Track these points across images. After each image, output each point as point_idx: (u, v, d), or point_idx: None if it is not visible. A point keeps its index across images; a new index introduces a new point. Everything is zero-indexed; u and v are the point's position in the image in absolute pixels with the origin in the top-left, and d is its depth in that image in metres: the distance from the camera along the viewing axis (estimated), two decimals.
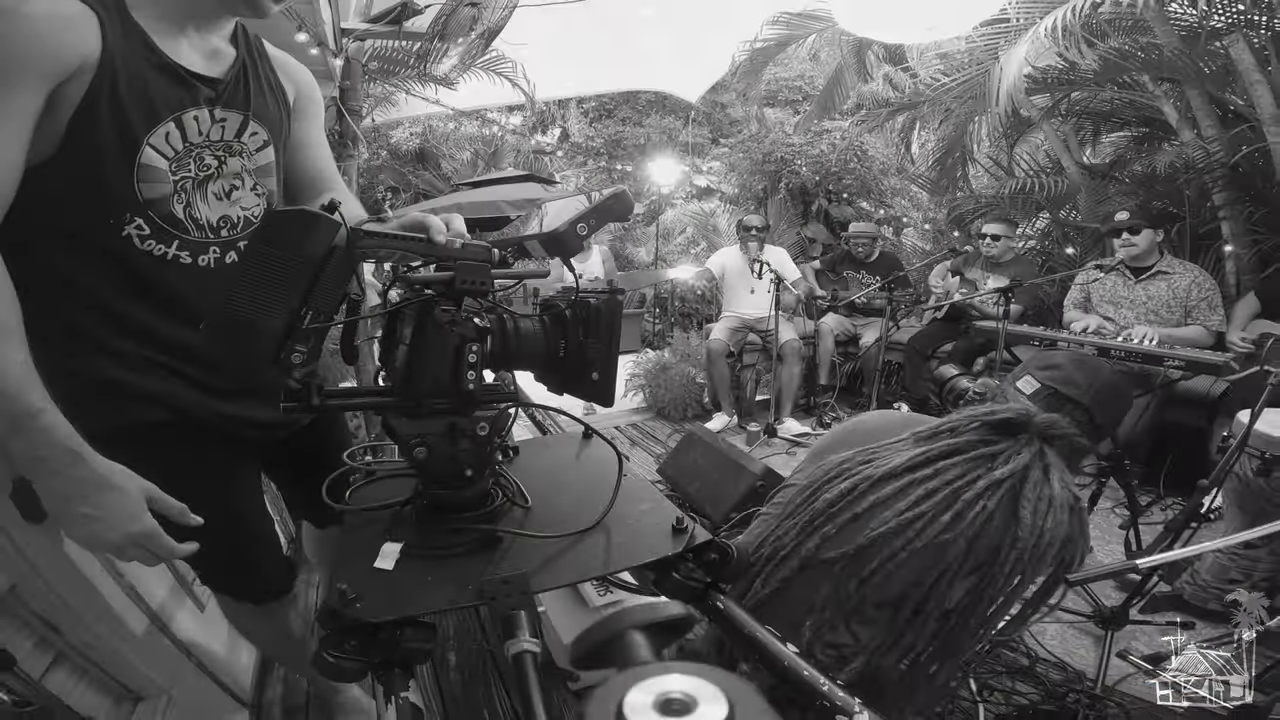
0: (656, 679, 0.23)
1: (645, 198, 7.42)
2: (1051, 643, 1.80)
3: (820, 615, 0.95)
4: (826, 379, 3.85)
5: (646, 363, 4.08)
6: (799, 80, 8.21)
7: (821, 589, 0.96)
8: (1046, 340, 2.72)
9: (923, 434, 1.06)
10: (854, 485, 0.99)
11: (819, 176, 5.24)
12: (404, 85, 3.86)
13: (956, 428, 1.02)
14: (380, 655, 0.56)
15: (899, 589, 0.93)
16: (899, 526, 0.92)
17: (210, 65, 0.89)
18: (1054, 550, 0.93)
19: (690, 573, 0.67)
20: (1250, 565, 1.85)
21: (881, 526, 0.92)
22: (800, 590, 1.00)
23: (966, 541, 0.90)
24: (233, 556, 1.00)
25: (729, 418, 3.66)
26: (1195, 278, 2.80)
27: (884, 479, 0.98)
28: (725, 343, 3.61)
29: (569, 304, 0.75)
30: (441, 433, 0.67)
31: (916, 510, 0.92)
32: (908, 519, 0.92)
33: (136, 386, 0.85)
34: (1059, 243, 3.88)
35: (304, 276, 0.58)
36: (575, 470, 0.92)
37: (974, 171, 4.63)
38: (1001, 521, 0.91)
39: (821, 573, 0.97)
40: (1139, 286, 2.89)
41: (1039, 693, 1.58)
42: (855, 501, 0.98)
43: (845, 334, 3.95)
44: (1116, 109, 3.97)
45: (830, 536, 0.97)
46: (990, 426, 0.99)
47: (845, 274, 4.11)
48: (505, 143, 8.30)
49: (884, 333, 3.34)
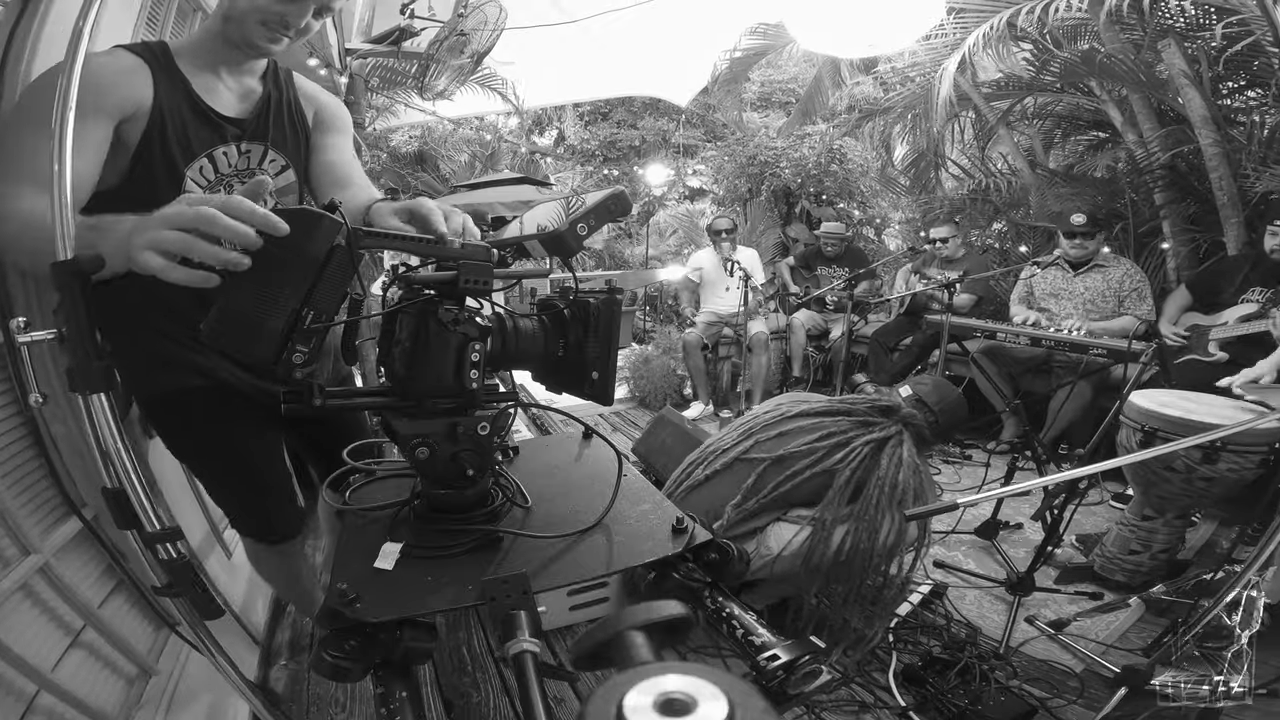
0: (656, 679, 0.23)
1: (639, 199, 7.66)
2: (969, 609, 1.94)
3: (743, 501, 1.43)
4: (800, 371, 4.10)
5: (630, 355, 4.35)
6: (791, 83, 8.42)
7: (746, 479, 1.44)
8: (987, 331, 2.96)
9: (832, 399, 1.64)
10: (782, 414, 1.53)
11: (800, 179, 5.47)
12: (403, 99, 4.12)
13: (855, 402, 1.61)
14: (380, 655, 0.56)
15: (804, 496, 1.43)
16: (808, 450, 1.45)
17: (240, 105, 1.07)
18: (903, 492, 1.40)
19: (690, 573, 0.68)
20: (1148, 536, 2.03)
21: (797, 447, 1.44)
22: (729, 478, 1.49)
23: (851, 471, 1.41)
24: (254, 499, 1.22)
25: (705, 406, 3.92)
26: (1128, 270, 3.03)
27: (802, 414, 1.52)
28: (700, 335, 3.87)
29: (568, 304, 0.75)
30: (443, 433, 0.67)
31: (821, 443, 1.45)
32: (815, 446, 1.45)
33: (181, 358, 1.04)
34: (1014, 241, 4.11)
35: (306, 276, 0.57)
36: (575, 470, 0.92)
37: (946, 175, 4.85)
38: (870, 464, 1.43)
39: (749, 467, 1.47)
40: (1077, 279, 3.12)
41: (945, 645, 1.72)
42: (782, 423, 1.51)
43: (817, 328, 4.20)
44: (1075, 113, 4.18)
45: (761, 442, 1.48)
46: (875, 407, 1.55)
47: (818, 271, 4.36)
48: (502, 146, 8.54)
49: (848, 326, 3.59)
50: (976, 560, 2.28)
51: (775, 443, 1.55)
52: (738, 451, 1.57)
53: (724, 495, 1.59)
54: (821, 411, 1.60)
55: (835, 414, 1.60)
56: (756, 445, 1.57)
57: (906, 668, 1.62)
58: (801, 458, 1.51)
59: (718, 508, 1.57)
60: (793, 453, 1.52)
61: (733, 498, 1.55)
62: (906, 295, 3.57)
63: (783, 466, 1.53)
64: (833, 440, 1.50)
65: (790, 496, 1.51)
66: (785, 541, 1.52)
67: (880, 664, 1.66)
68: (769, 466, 1.56)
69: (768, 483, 1.55)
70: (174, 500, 1.46)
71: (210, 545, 1.67)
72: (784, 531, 1.54)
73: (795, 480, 1.52)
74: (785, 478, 1.52)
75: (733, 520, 1.53)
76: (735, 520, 1.54)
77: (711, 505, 1.61)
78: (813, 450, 1.51)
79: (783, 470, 1.53)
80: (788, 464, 1.52)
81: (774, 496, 1.52)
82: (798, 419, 1.60)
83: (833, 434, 1.51)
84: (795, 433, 1.57)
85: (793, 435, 1.56)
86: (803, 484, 1.50)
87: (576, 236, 0.70)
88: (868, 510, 1.50)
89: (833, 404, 1.62)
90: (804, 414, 1.60)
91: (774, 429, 1.57)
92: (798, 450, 1.51)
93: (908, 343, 3.73)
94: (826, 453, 1.49)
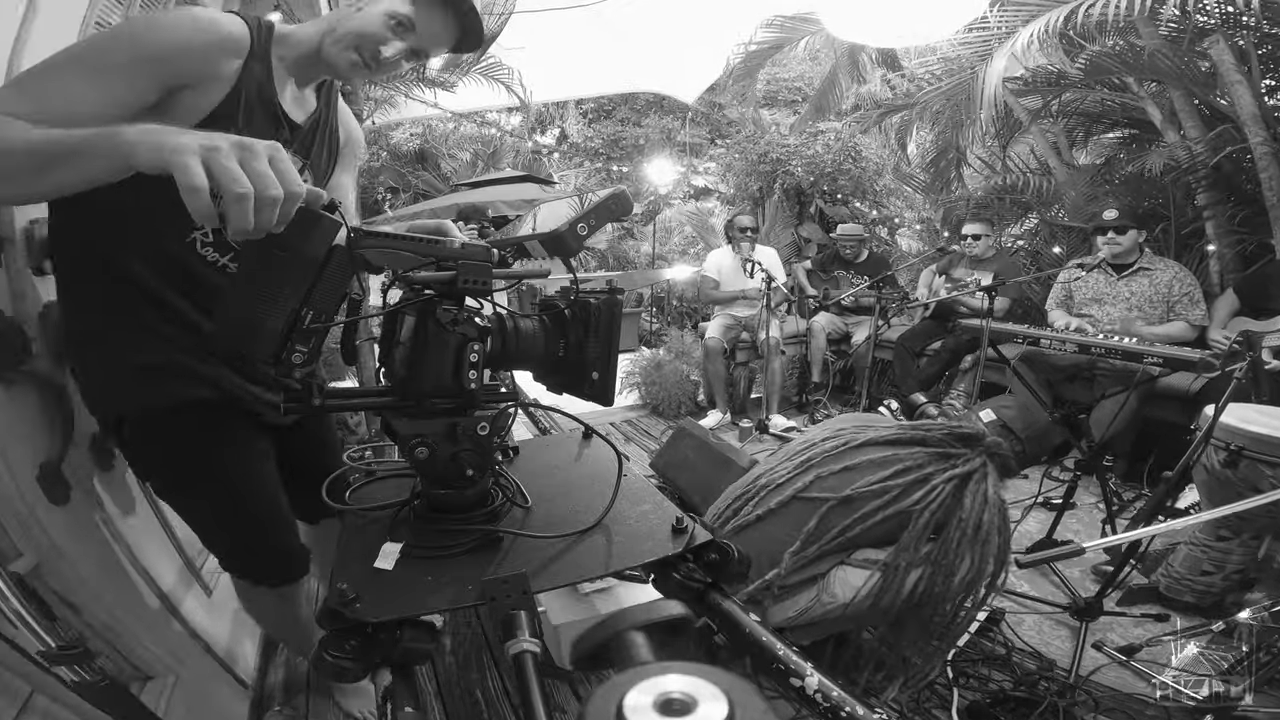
0: (656, 679, 0.23)
1: (643, 198, 7.49)
2: (1029, 634, 1.84)
3: (803, 548, 1.22)
4: (819, 377, 3.92)
5: (642, 360, 4.15)
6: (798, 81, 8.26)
7: (807, 522, 1.23)
8: (1029, 337, 2.78)
9: (903, 424, 1.39)
10: (845, 442, 1.31)
11: (814, 177, 5.29)
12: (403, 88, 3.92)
13: (930, 429, 1.36)
14: (380, 655, 0.56)
15: (873, 537, 1.23)
16: (880, 489, 1.23)
17: (297, 112, 1.03)
18: (985, 534, 1.21)
19: (690, 573, 0.67)
20: (1222, 557, 1.89)
21: (868, 486, 1.22)
22: (786, 518, 1.28)
23: (930, 514, 1.21)
24: (257, 537, 1.09)
25: (723, 414, 3.73)
26: (1177, 274, 2.86)
27: (870, 444, 1.30)
28: (721, 341, 3.68)
29: (568, 304, 0.74)
30: (442, 432, 0.67)
31: (895, 480, 1.24)
32: (888, 485, 1.23)
33: (182, 366, 0.95)
34: (1046, 242, 3.94)
35: (305, 276, 0.58)
36: (575, 470, 0.92)
37: (968, 172, 4.69)
38: (953, 504, 1.22)
39: (810, 508, 1.25)
40: (1121, 283, 2.95)
41: (1012, 680, 1.61)
42: (846, 454, 1.29)
43: (837, 332, 4.02)
44: (1106, 110, 4.03)
45: (823, 478, 1.26)
46: (953, 435, 1.33)
47: (835, 274, 4.18)
48: (504, 144, 8.35)
49: (874, 331, 3.41)
50: (1031, 582, 2.13)
51: (840, 479, 1.32)
52: (796, 488, 1.34)
53: (780, 539, 1.36)
54: (892, 440, 1.37)
55: (908, 443, 1.37)
56: (818, 481, 1.34)
57: (972, 705, 1.49)
58: (873, 498, 1.29)
59: (774, 553, 1.34)
60: (862, 493, 1.29)
61: (790, 543, 1.31)
62: (946, 299, 3.38)
63: (850, 508, 1.30)
64: (909, 477, 1.28)
65: (858, 539, 1.29)
66: (852, 589, 1.31)
67: (940, 701, 1.53)
68: (834, 508, 1.33)
69: (832, 526, 1.32)
70: (133, 532, 1.26)
71: (187, 584, 1.47)
72: (851, 578, 1.33)
73: (865, 524, 1.29)
74: (853, 521, 1.29)
75: (791, 568, 1.31)
76: (793, 568, 1.32)
77: (765, 549, 1.38)
78: (886, 489, 1.29)
79: (850, 512, 1.30)
80: (856, 505, 1.30)
81: (839, 542, 1.30)
82: (865, 449, 1.37)
83: (908, 469, 1.27)
84: (863, 467, 1.33)
85: (861, 470, 1.32)
86: (873, 527, 1.28)
87: (577, 236, 0.70)
88: (947, 554, 1.29)
89: (904, 431, 1.39)
90: (872, 443, 1.37)
91: (838, 461, 1.34)
92: (868, 490, 1.29)
93: (936, 348, 3.55)
94: (902, 491, 1.27)
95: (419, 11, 0.96)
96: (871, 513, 1.29)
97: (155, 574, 1.26)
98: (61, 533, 0.99)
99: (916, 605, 1.29)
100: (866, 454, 1.35)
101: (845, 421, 1.50)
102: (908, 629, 1.33)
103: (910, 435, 1.38)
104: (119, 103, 0.79)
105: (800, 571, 1.31)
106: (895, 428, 1.43)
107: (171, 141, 0.54)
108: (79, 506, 1.08)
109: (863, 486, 1.30)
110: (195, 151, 0.53)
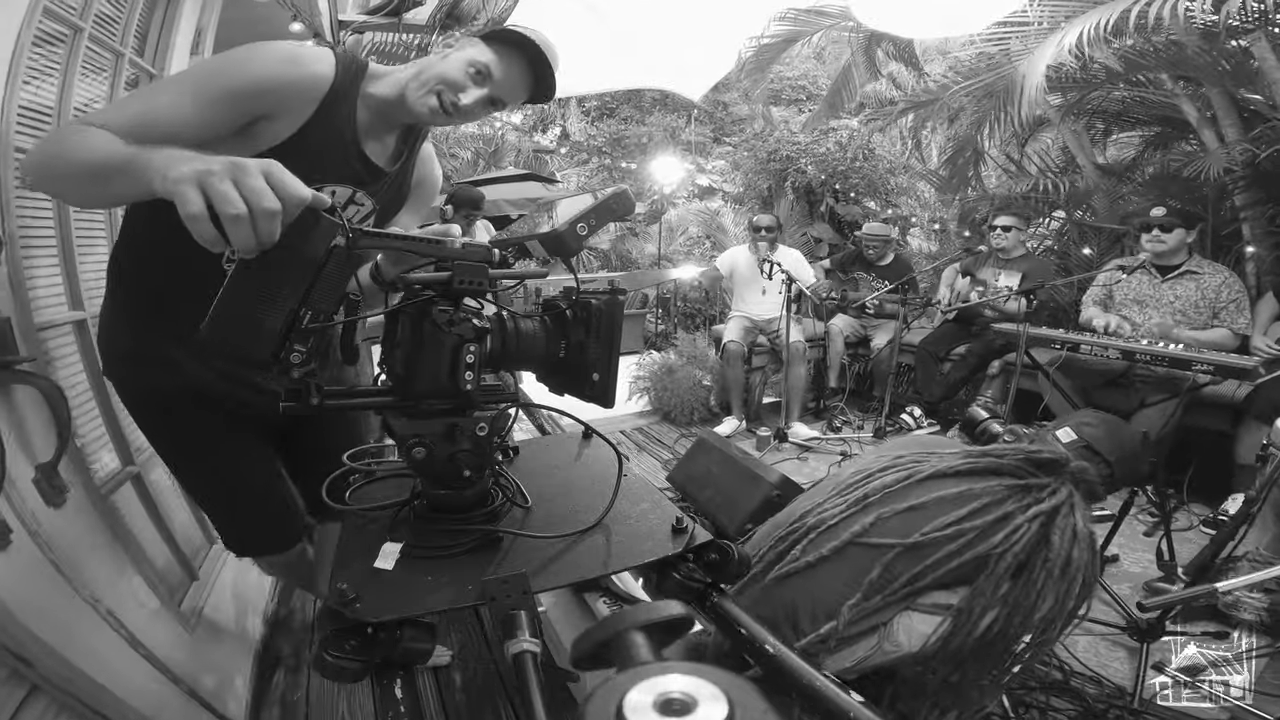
0: (656, 679, 0.23)
1: (647, 197, 7.35)
2: (1084, 655, 1.75)
3: (864, 599, 1.06)
4: (836, 381, 3.77)
5: (651, 364, 3.99)
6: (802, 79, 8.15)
7: (869, 571, 1.06)
8: (1068, 343, 2.64)
9: (972, 451, 1.19)
10: (909, 475, 1.13)
11: (825, 175, 5.16)
12: None
13: (1003, 454, 1.18)
14: (380, 655, 0.56)
15: (946, 582, 1.06)
16: (954, 533, 1.05)
17: (380, 154, 1.05)
18: (1074, 571, 1.05)
19: (690, 573, 0.68)
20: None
21: (939, 530, 1.05)
22: (843, 566, 1.10)
23: (1014, 556, 1.05)
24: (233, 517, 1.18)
25: (739, 422, 3.58)
26: (1225, 279, 2.73)
27: (938, 476, 1.12)
28: (742, 344, 3.52)
29: (570, 304, 0.74)
30: (440, 433, 0.67)
31: (971, 521, 1.06)
32: (963, 528, 1.05)
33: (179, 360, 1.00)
34: (1075, 243, 3.80)
35: (304, 276, 0.58)
36: (575, 470, 0.92)
37: (985, 170, 4.56)
38: (1037, 543, 1.06)
39: (872, 556, 1.07)
40: (1165, 286, 2.82)
41: (1076, 708, 1.53)
42: (910, 490, 1.12)
43: (855, 335, 3.88)
44: (1127, 108, 3.90)
45: (885, 519, 1.09)
46: (1033, 462, 1.15)
47: (855, 274, 4.03)
48: (505, 142, 8.21)
49: (897, 336, 3.26)
50: None
51: (906, 521, 1.13)
52: (853, 531, 1.14)
53: (836, 590, 1.16)
54: (963, 472, 1.17)
55: (981, 473, 1.17)
56: (879, 523, 1.15)
57: None
58: (946, 543, 1.10)
59: (829, 604, 1.16)
60: (934, 538, 1.10)
61: (848, 594, 1.12)
62: (977, 303, 3.23)
63: (919, 555, 1.10)
64: (988, 517, 1.07)
65: (927, 586, 1.12)
66: (920, 636, 1.14)
67: None
68: (901, 555, 1.13)
69: (899, 575, 1.12)
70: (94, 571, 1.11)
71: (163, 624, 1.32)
72: (917, 624, 1.15)
73: (937, 572, 1.10)
74: (924, 569, 1.10)
75: (850, 621, 1.13)
76: (853, 620, 1.13)
77: (819, 599, 1.17)
78: (960, 532, 1.09)
79: (919, 559, 1.10)
80: (927, 552, 1.10)
81: (906, 591, 1.12)
82: (932, 484, 1.17)
83: (986, 506, 1.09)
84: (932, 506, 1.14)
85: (929, 510, 1.13)
86: (946, 574, 1.10)
87: (576, 236, 0.70)
88: (1029, 595, 1.13)
89: (975, 460, 1.17)
90: (939, 476, 1.17)
91: (901, 499, 1.15)
92: (940, 534, 1.10)
93: (961, 352, 3.41)
94: (980, 534, 1.08)
95: (499, 62, 0.98)
96: (944, 559, 1.10)
97: (121, 616, 1.10)
98: (2, 584, 0.84)
99: (988, 644, 1.15)
100: (935, 489, 1.16)
101: (903, 446, 1.33)
102: (970, 668, 1.19)
103: (983, 465, 1.19)
104: (209, 126, 0.85)
105: (859, 623, 1.14)
106: (962, 455, 1.23)
107: (174, 171, 0.57)
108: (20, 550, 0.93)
109: (934, 530, 1.11)
110: (191, 179, 0.55)
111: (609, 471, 0.80)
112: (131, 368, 1.05)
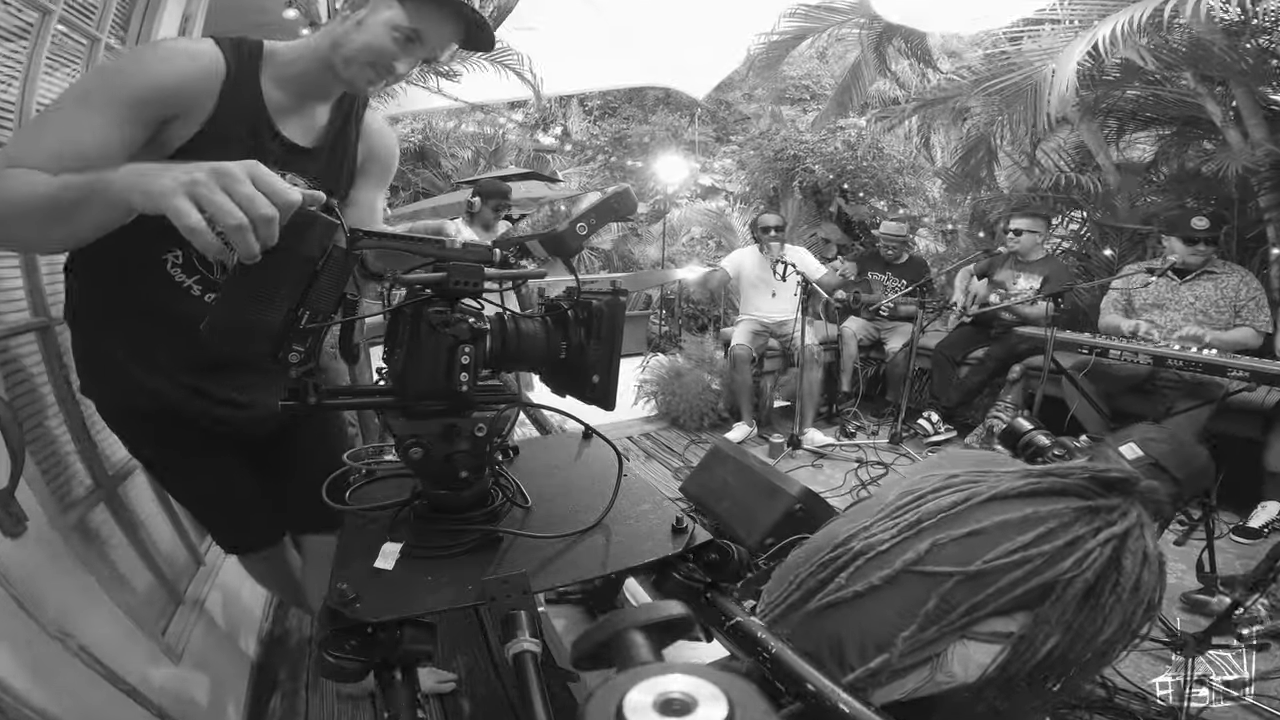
0: (656, 679, 0.23)
1: (650, 196, 7.26)
2: (1125, 670, 1.69)
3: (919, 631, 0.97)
4: (849, 385, 3.68)
5: (658, 368, 3.89)
6: (806, 79, 8.07)
7: (924, 601, 0.97)
8: (1096, 348, 2.56)
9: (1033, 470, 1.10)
10: (966, 497, 1.03)
11: (834, 175, 5.07)
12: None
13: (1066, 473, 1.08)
14: (380, 655, 0.56)
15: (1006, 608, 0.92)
16: (1020, 559, 0.95)
17: (306, 135, 1.03)
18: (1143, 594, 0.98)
19: (690, 573, 0.68)
20: None
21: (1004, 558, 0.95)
22: (895, 596, 1.02)
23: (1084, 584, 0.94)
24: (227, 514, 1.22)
25: (750, 428, 3.48)
26: (1243, 277, 2.68)
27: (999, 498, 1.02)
28: (750, 349, 3.43)
29: (571, 304, 0.74)
30: (438, 433, 0.67)
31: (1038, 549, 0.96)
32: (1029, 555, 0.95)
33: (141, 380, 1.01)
34: (1096, 244, 3.71)
35: (301, 276, 0.58)
36: (575, 470, 0.92)
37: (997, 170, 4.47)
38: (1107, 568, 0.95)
39: (927, 585, 0.98)
40: (1185, 288, 2.75)
41: None
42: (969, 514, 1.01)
43: (869, 338, 3.78)
44: (1142, 106, 3.82)
45: (941, 545, 1.00)
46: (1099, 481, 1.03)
47: (870, 275, 3.93)
48: (507, 141, 8.12)
49: (914, 339, 3.17)
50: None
51: (965, 548, 1.02)
52: (906, 559, 1.04)
53: (887, 620, 1.06)
54: (1026, 493, 1.08)
55: (1046, 494, 1.08)
56: (935, 550, 1.04)
57: None
58: (1010, 570, 1.00)
59: (880, 636, 1.06)
60: (997, 566, 1.01)
61: (902, 625, 1.02)
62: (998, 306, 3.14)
63: (981, 584, 1.00)
64: (1056, 543, 0.99)
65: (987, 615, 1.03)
66: (976, 666, 1.04)
67: None
68: (959, 585, 1.03)
69: (957, 605, 1.02)
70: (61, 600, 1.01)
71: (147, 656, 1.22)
72: (974, 654, 1.05)
73: (999, 601, 1.00)
74: (986, 598, 1.01)
75: (903, 653, 1.04)
76: (906, 652, 1.04)
77: (868, 630, 1.07)
78: (1026, 559, 0.99)
79: (981, 589, 1.00)
80: (989, 580, 1.00)
81: (965, 622, 1.02)
82: (993, 507, 1.06)
83: (1054, 530, 1.01)
84: (994, 531, 1.03)
85: (991, 535, 1.02)
86: (1007, 601, 1.00)
87: (576, 236, 0.70)
88: (1095, 620, 1.03)
89: (1038, 479, 1.10)
90: (1001, 498, 1.07)
91: (960, 524, 1.05)
92: (1005, 561, 0.99)
93: (979, 355, 3.32)
94: (1048, 560, 0.98)
95: (419, 19, 0.94)
96: (1008, 587, 1.01)
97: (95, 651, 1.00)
98: None
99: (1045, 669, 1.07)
100: (996, 513, 1.06)
101: (956, 462, 1.24)
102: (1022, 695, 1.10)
103: (1047, 485, 1.10)
104: (130, 142, 0.84)
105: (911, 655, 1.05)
106: (1022, 474, 1.14)
107: (157, 186, 0.57)
108: None
109: (996, 558, 1.00)
110: (180, 192, 0.56)
111: (609, 471, 0.80)
112: (104, 388, 1.07)
